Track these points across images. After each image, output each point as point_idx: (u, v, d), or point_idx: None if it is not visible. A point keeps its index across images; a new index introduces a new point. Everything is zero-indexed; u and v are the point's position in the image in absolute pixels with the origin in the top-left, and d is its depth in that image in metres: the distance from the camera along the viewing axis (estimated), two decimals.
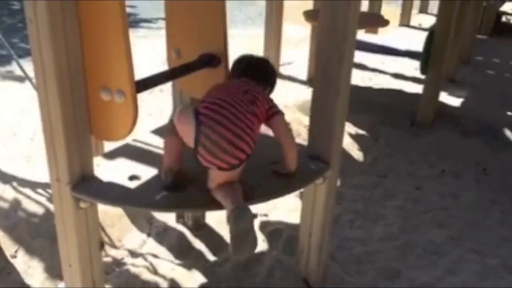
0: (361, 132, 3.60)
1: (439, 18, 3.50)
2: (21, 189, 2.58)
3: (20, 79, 3.67)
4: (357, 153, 3.36)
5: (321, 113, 1.87)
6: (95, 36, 1.56)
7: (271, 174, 1.82)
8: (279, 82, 4.27)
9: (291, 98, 3.90)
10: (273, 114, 1.68)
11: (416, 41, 3.68)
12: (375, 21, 3.15)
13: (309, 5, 4.37)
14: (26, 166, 2.84)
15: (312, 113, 1.91)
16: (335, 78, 1.80)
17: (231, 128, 1.50)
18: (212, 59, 2.03)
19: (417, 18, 6.60)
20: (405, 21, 6.42)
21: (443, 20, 3.47)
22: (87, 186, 1.67)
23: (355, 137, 3.54)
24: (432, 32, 3.53)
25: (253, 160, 1.62)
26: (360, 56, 4.69)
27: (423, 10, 6.89)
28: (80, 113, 1.62)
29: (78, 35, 1.55)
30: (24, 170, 2.78)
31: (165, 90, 3.23)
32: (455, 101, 4.12)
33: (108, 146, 2.03)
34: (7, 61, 4.33)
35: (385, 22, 3.28)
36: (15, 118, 3.35)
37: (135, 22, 6.39)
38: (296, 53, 4.95)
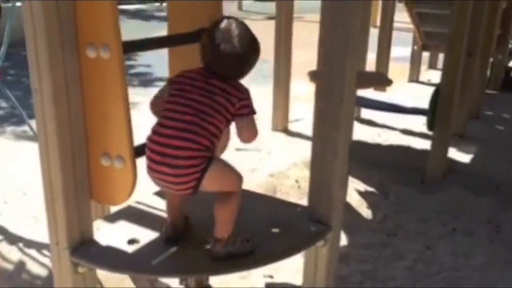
0: (370, 189, 3.57)
1: (444, 74, 3.54)
2: (27, 250, 2.59)
3: (33, 139, 3.79)
4: (365, 211, 3.32)
5: (320, 175, 1.87)
6: (96, 104, 1.62)
7: (271, 236, 1.81)
8: (287, 139, 4.35)
9: (299, 155, 3.91)
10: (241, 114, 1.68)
11: (425, 97, 3.72)
12: (379, 80, 3.21)
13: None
14: (34, 227, 2.86)
15: (311, 174, 1.91)
16: (333, 141, 1.82)
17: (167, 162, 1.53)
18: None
19: (426, 74, 6.69)
20: (414, 77, 6.51)
21: (448, 76, 3.51)
22: (85, 250, 1.68)
23: (363, 194, 3.51)
24: (437, 89, 3.57)
25: (252, 222, 1.63)
26: (368, 113, 4.73)
27: (432, 66, 6.98)
28: (80, 178, 1.66)
29: (81, 104, 1.61)
30: (31, 230, 2.80)
31: None
32: (465, 157, 4.09)
33: (114, 206, 2.05)
34: (22, 121, 4.47)
35: (388, 82, 3.34)
36: (26, 177, 3.42)
37: (149, 81, 6.58)
38: (304, 109, 5.02)
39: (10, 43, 2.68)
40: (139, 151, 1.69)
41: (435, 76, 6.61)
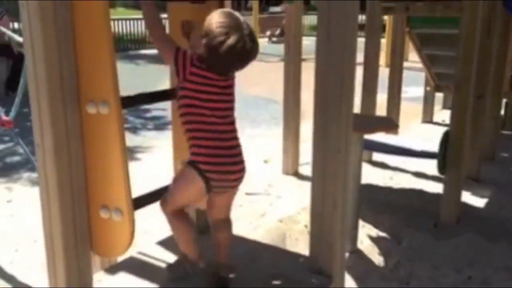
0: (382, 234, 3.50)
1: (453, 117, 3.53)
2: None
3: None
4: (377, 258, 3.24)
5: (320, 226, 1.86)
6: (96, 158, 1.66)
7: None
8: (297, 183, 4.33)
9: (309, 200, 3.88)
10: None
11: (439, 138, 3.69)
12: (385, 125, 3.21)
13: None
14: (43, 276, 2.87)
15: (311, 225, 1.90)
16: (332, 192, 1.81)
17: (232, 160, 1.74)
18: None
19: (440, 114, 6.66)
20: (427, 118, 6.48)
21: (457, 119, 3.49)
22: None
23: (375, 239, 3.44)
24: (447, 132, 3.54)
25: (255, 273, 1.61)
26: (380, 155, 4.70)
27: (446, 106, 6.94)
28: (80, 231, 1.68)
29: (81, 158, 1.65)
30: (40, 279, 2.81)
31: None
32: (479, 201, 4.00)
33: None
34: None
35: (394, 126, 3.34)
36: (38, 224, 3.46)
37: (164, 124, 6.67)
38: None
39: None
40: (138, 202, 1.71)
41: (449, 116, 6.59)
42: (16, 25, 11.60)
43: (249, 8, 22.88)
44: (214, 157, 1.68)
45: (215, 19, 1.65)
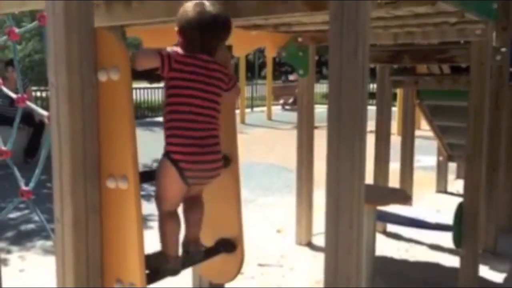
0: None
1: (466, 191, 3.52)
2: None
3: None
4: None
5: None
6: (113, 233, 1.70)
7: None
8: (311, 254, 4.27)
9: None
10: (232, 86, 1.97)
11: (453, 209, 3.66)
12: (398, 197, 3.23)
13: None
14: None
15: None
16: (345, 268, 1.81)
17: (209, 158, 1.83)
18: (229, 244, 2.11)
19: (454, 184, 6.62)
20: (441, 188, 6.44)
21: (470, 192, 3.48)
22: None
23: None
24: (461, 206, 3.52)
25: None
26: (395, 226, 4.65)
27: (460, 176, 6.91)
28: None
29: (98, 234, 1.69)
30: None
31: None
32: (497, 276, 3.89)
33: None
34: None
35: (407, 199, 3.34)
36: None
37: None
38: None
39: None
40: (151, 278, 1.73)
41: None
42: (38, 93, 12.13)
43: (263, 77, 23.59)
44: (187, 147, 1.77)
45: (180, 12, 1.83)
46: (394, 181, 5.23)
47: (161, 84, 1.94)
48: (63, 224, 1.65)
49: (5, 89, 2.93)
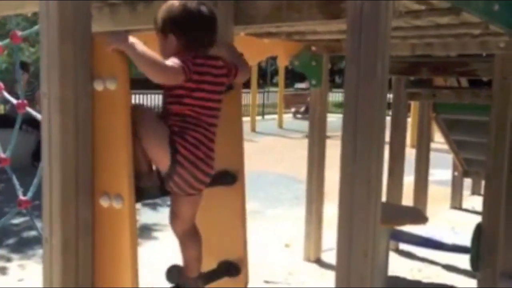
0: None
1: (485, 209, 3.35)
2: None
3: None
4: None
5: None
6: (105, 253, 1.57)
7: None
8: (320, 271, 4.11)
9: None
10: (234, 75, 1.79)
11: (470, 226, 3.49)
12: (413, 217, 3.06)
13: None
14: None
15: None
16: None
17: (207, 161, 1.68)
18: (232, 267, 1.97)
19: (470, 200, 6.41)
20: (456, 204, 6.24)
21: (490, 214, 3.31)
22: None
23: None
24: (479, 226, 3.35)
25: None
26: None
27: (475, 191, 6.71)
28: None
29: (90, 259, 1.56)
30: None
31: None
32: None
33: None
34: None
35: (423, 219, 3.18)
36: None
37: None
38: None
39: None
40: None
41: (479, 203, 6.31)
42: None
43: (275, 84, 23.50)
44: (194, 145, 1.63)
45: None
46: (407, 196, 5.05)
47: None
48: (51, 245, 1.52)
49: (5, 94, 2.83)
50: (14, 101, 2.76)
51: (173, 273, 1.83)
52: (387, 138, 4.61)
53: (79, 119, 1.50)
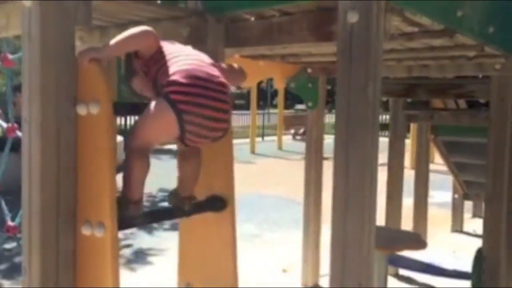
0: None
1: (485, 234, 3.27)
2: None
3: None
4: None
5: None
6: (85, 281, 1.51)
7: None
8: None
9: None
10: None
11: (471, 250, 3.40)
12: (412, 243, 2.99)
13: None
14: None
15: None
16: None
17: (212, 104, 1.51)
18: None
19: (471, 223, 6.31)
20: (457, 227, 6.14)
21: (490, 235, 3.22)
22: None
23: None
24: (480, 251, 3.27)
25: None
26: None
27: (477, 214, 6.61)
28: None
29: None
30: None
31: None
32: None
33: None
34: None
35: (422, 245, 3.10)
36: None
37: None
38: None
39: None
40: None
41: (481, 226, 6.21)
42: None
43: (275, 105, 23.53)
44: (190, 87, 1.50)
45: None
46: (406, 218, 4.96)
47: None
48: (31, 276, 1.46)
49: None
50: (4, 124, 2.72)
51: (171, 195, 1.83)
52: (386, 159, 4.59)
53: (60, 145, 1.46)
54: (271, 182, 9.03)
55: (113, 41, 1.53)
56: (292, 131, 18.07)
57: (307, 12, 1.88)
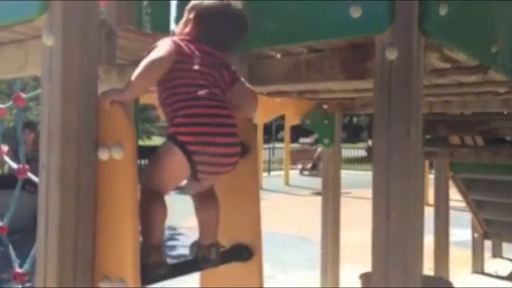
0: None
1: None
2: None
3: None
4: None
5: None
6: None
7: None
8: None
9: None
10: (235, 79, 1.62)
11: None
12: None
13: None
14: None
15: None
16: None
17: (221, 141, 1.48)
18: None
19: (491, 264, 6.08)
20: (478, 268, 5.90)
21: None
22: None
23: None
24: None
25: None
26: None
27: (497, 254, 6.38)
28: None
29: None
30: None
31: None
32: None
33: None
34: None
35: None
36: None
37: None
38: None
39: None
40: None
41: (502, 267, 5.98)
42: None
43: (280, 139, 23.46)
44: (200, 127, 1.46)
45: None
46: (427, 257, 4.77)
47: None
48: None
49: (6, 159, 2.70)
50: (15, 166, 2.62)
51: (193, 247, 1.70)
52: None
53: (80, 192, 1.34)
54: (281, 219, 8.82)
55: (133, 79, 1.43)
56: (300, 165, 17.90)
57: (338, 49, 1.79)
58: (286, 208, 10.18)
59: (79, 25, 1.33)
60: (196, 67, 1.51)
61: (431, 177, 5.74)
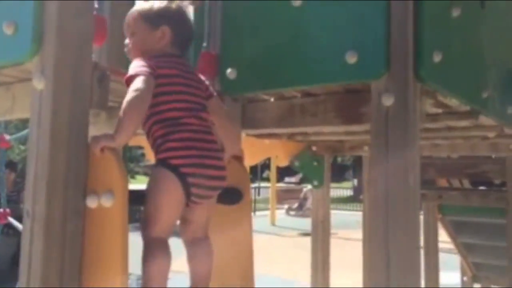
0: None
1: None
2: None
3: None
4: None
5: None
6: None
7: None
8: None
9: None
10: (211, 94, 1.63)
11: None
12: None
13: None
14: None
15: None
16: None
17: (213, 163, 1.49)
18: None
19: None
20: None
21: None
22: None
23: None
24: None
25: None
26: None
27: None
28: None
29: None
30: None
31: None
32: None
33: None
34: None
35: None
36: None
37: None
38: None
39: None
40: None
41: None
42: None
43: (265, 178, 23.33)
44: (190, 150, 1.45)
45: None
46: None
47: None
48: None
49: None
50: None
51: None
52: None
53: (66, 244, 1.26)
54: (267, 261, 8.64)
55: (123, 124, 1.38)
56: (286, 206, 17.77)
57: (333, 93, 1.78)
58: (273, 250, 10.01)
59: (72, 68, 1.29)
60: (177, 87, 1.51)
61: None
